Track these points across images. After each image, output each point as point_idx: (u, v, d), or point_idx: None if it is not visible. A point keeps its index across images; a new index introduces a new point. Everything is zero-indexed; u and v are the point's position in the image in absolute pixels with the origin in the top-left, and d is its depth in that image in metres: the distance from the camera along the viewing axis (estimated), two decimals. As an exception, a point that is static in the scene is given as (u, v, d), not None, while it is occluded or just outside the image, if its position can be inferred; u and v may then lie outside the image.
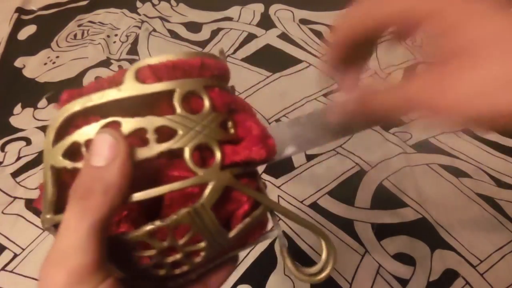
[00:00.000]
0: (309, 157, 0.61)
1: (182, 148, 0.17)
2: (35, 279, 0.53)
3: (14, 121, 0.72)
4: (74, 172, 0.16)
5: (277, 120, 0.67)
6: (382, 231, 0.53)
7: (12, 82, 0.79)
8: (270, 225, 0.22)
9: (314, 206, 0.56)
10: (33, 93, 0.76)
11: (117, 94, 0.17)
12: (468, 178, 0.58)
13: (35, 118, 0.72)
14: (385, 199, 0.56)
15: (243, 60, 0.77)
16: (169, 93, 0.17)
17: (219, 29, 0.84)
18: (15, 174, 0.64)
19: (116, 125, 0.16)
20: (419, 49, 0.76)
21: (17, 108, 0.74)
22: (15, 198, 0.61)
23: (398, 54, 0.75)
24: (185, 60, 0.18)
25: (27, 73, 0.80)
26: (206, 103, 0.18)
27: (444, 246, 0.52)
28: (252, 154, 0.18)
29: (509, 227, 0.52)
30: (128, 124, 0.16)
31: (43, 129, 0.70)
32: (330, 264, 0.21)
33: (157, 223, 0.17)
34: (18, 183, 0.63)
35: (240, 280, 0.51)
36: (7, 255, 0.55)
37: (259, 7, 0.87)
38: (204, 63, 0.19)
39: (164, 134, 0.17)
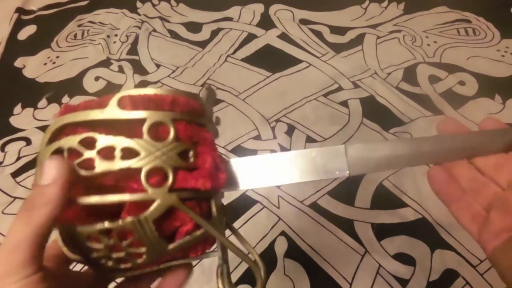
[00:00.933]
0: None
1: (141, 168, 0.20)
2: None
3: (14, 121, 0.72)
4: None
5: (277, 120, 0.67)
6: (382, 231, 0.53)
7: (12, 82, 0.79)
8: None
9: (314, 206, 0.56)
10: (33, 93, 0.76)
11: (100, 115, 0.21)
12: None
13: (35, 118, 0.72)
14: (385, 199, 0.56)
15: (243, 60, 0.77)
16: (142, 120, 0.21)
17: (219, 29, 0.84)
18: (15, 174, 0.64)
19: (91, 139, 0.20)
20: (419, 49, 0.76)
21: (17, 108, 0.74)
22: (15, 198, 0.61)
23: (398, 54, 0.76)
24: (159, 95, 0.22)
25: (27, 73, 0.80)
26: (171, 133, 0.21)
27: (444, 246, 0.52)
28: (198, 184, 0.22)
29: (509, 227, 0.52)
30: (102, 140, 0.20)
31: (43, 129, 0.70)
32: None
33: (106, 224, 0.20)
34: (18, 183, 0.63)
35: (240, 280, 0.51)
36: (7, 255, 0.56)
37: (259, 7, 0.87)
38: (175, 100, 0.22)
39: (131, 153, 0.20)
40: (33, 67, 0.81)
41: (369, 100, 0.68)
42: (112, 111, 0.21)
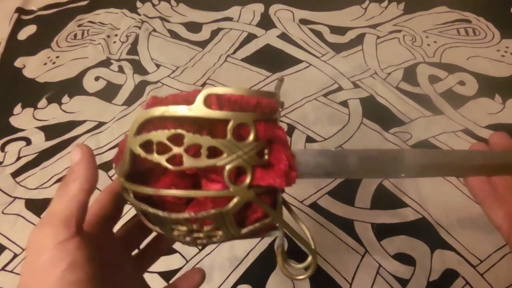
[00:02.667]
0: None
1: (224, 166, 0.22)
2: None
3: (14, 121, 0.72)
4: (145, 159, 0.22)
5: (277, 120, 0.67)
6: (382, 231, 0.53)
7: (12, 82, 0.79)
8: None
9: (314, 206, 0.56)
10: (33, 93, 0.76)
11: (187, 112, 0.22)
12: (468, 178, 0.58)
13: (35, 118, 0.72)
14: (385, 199, 0.56)
15: (243, 60, 0.77)
16: (226, 120, 0.22)
17: (219, 29, 0.84)
18: (15, 174, 0.64)
19: (179, 136, 0.22)
20: (419, 49, 0.76)
21: (17, 108, 0.74)
22: (15, 198, 0.61)
23: (398, 54, 0.76)
24: (245, 97, 0.23)
25: (27, 73, 0.80)
26: (252, 134, 0.23)
27: (444, 246, 0.52)
28: (275, 183, 0.24)
29: (509, 227, 0.52)
30: (189, 139, 0.22)
31: (43, 129, 0.70)
32: (310, 271, 0.26)
33: (192, 214, 0.23)
34: (18, 183, 0.63)
35: (240, 280, 0.51)
36: (7, 255, 0.55)
37: (259, 7, 0.87)
38: (259, 102, 0.24)
39: (215, 151, 0.22)
40: (33, 67, 0.81)
41: (369, 100, 0.68)
42: (198, 109, 0.22)
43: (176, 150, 0.22)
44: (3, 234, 0.58)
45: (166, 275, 0.51)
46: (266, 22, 0.84)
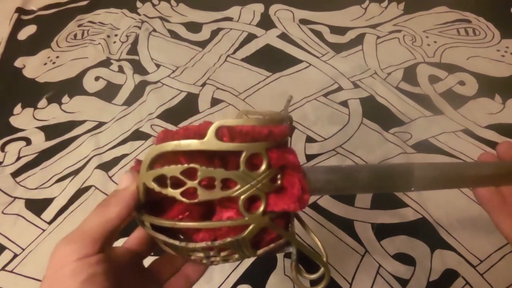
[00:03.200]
0: (309, 157, 0.61)
1: (239, 197, 0.23)
2: (35, 279, 0.53)
3: (14, 121, 0.72)
4: (159, 192, 0.23)
5: (277, 120, 0.67)
6: (382, 231, 0.53)
7: (12, 82, 0.79)
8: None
9: (314, 206, 0.56)
10: (33, 93, 0.76)
11: (200, 146, 0.22)
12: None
13: (35, 118, 0.72)
14: (385, 199, 0.56)
15: (243, 60, 0.77)
16: (239, 151, 0.23)
17: (219, 29, 0.84)
18: (15, 174, 0.64)
19: (193, 169, 0.22)
20: (419, 49, 0.76)
21: (17, 108, 0.74)
22: (15, 198, 0.61)
23: (398, 54, 0.76)
24: (256, 127, 0.23)
25: (27, 73, 0.80)
26: (264, 163, 0.23)
27: (444, 246, 0.52)
28: (289, 208, 0.24)
29: (509, 227, 0.52)
30: (202, 172, 0.22)
31: (43, 129, 0.70)
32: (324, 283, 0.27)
33: (209, 243, 0.24)
34: (18, 183, 0.63)
35: (240, 280, 0.51)
36: (7, 255, 0.55)
37: (259, 7, 0.87)
38: (271, 132, 0.24)
39: (228, 181, 0.23)
40: (33, 67, 0.81)
41: (369, 100, 0.68)
42: (210, 142, 0.22)
43: (190, 184, 0.22)
44: (3, 234, 0.58)
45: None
46: (266, 22, 0.84)
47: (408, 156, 0.60)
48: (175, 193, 0.23)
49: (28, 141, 0.68)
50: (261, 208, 0.23)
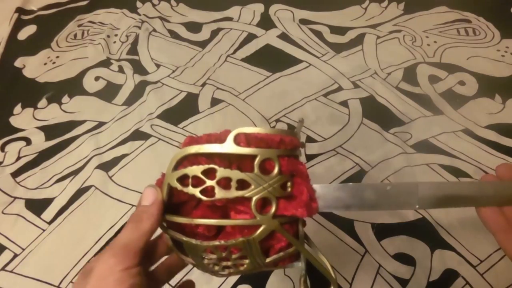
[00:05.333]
0: (309, 157, 0.61)
1: (251, 197, 0.25)
2: (35, 279, 0.53)
3: (14, 121, 0.72)
4: (181, 191, 0.26)
5: (277, 120, 0.67)
6: (382, 231, 0.53)
7: (12, 82, 0.79)
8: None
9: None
10: (33, 93, 0.76)
11: (220, 149, 0.25)
12: (468, 178, 0.58)
13: (35, 118, 0.72)
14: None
15: (243, 60, 0.77)
16: (253, 156, 0.25)
17: (219, 29, 0.84)
18: (15, 174, 0.64)
19: (212, 170, 0.25)
20: (419, 49, 0.76)
21: (17, 108, 0.74)
22: (15, 198, 0.61)
23: (398, 54, 0.76)
24: (270, 135, 0.26)
25: (27, 73, 0.80)
26: (276, 168, 0.26)
27: (444, 246, 0.52)
28: (297, 213, 0.26)
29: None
30: (220, 172, 0.25)
31: (43, 129, 0.70)
32: None
33: (222, 242, 0.25)
34: (18, 183, 0.63)
35: (240, 280, 0.51)
36: (7, 255, 0.55)
37: (259, 7, 0.87)
38: (282, 139, 0.27)
39: (243, 184, 0.25)
40: (33, 67, 0.81)
41: (369, 100, 0.68)
42: (229, 147, 0.25)
43: (209, 182, 0.25)
44: (3, 234, 0.58)
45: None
46: (266, 22, 0.84)
47: (408, 156, 0.60)
48: (195, 191, 0.25)
49: (28, 141, 0.68)
50: (272, 210, 0.25)
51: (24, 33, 0.89)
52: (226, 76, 0.75)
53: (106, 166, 0.63)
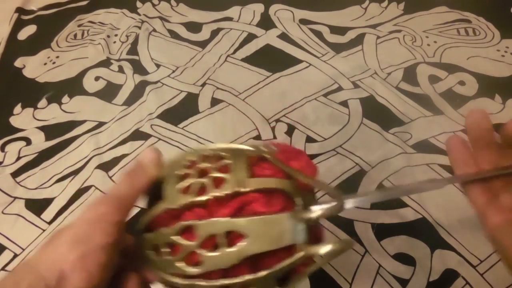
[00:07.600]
0: (309, 157, 0.61)
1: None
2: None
3: (14, 121, 0.72)
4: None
5: (277, 120, 0.67)
6: (382, 231, 0.53)
7: (12, 82, 0.79)
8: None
9: (314, 206, 0.56)
10: (33, 93, 0.76)
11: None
12: (468, 178, 0.58)
13: (35, 118, 0.72)
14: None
15: (243, 60, 0.77)
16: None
17: (219, 29, 0.84)
18: (15, 174, 0.64)
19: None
20: (419, 49, 0.76)
21: (17, 108, 0.74)
22: (15, 198, 0.61)
23: (398, 54, 0.76)
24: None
25: (27, 73, 0.80)
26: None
27: (444, 246, 0.52)
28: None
29: (509, 227, 0.52)
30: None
31: (43, 129, 0.70)
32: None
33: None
34: (18, 183, 0.63)
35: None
36: (7, 255, 0.55)
37: (259, 7, 0.87)
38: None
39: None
40: (33, 67, 0.81)
41: (369, 100, 0.68)
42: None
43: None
44: (3, 234, 0.58)
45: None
46: (266, 22, 0.84)
47: (408, 156, 0.60)
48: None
49: (28, 141, 0.68)
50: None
51: (24, 33, 0.89)
52: (226, 76, 0.75)
53: (106, 166, 0.63)
